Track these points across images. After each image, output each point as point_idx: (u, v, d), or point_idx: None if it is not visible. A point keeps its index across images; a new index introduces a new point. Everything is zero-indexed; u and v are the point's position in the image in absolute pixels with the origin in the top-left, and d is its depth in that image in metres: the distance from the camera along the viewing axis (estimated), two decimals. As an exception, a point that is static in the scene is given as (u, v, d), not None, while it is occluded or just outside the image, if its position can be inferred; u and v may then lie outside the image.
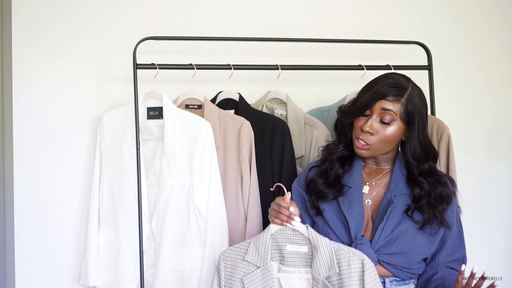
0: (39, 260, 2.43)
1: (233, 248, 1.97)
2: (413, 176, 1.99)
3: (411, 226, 1.94)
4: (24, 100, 2.42)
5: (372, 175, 2.05)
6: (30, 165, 2.42)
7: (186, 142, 2.25)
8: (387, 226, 1.93)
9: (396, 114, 1.93)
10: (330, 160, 2.06)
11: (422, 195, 1.95)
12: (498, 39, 3.02)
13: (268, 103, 2.55)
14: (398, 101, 1.93)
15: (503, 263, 3.05)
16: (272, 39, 2.50)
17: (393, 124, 1.94)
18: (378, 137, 1.95)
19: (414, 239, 1.94)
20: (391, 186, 1.99)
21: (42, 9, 2.42)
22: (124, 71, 2.47)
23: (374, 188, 2.03)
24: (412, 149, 1.97)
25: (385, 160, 2.04)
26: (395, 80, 1.96)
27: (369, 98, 1.95)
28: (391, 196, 1.97)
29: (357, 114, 1.98)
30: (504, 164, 3.05)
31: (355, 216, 1.97)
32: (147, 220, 2.27)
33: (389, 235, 1.93)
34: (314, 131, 2.45)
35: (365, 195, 2.03)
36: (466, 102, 2.98)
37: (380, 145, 1.96)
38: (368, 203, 2.02)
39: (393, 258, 1.94)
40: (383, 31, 2.79)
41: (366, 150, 1.97)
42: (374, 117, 1.94)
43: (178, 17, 2.58)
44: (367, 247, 1.92)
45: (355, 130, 1.99)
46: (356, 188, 2.01)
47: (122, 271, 2.30)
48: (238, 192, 2.33)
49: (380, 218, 1.95)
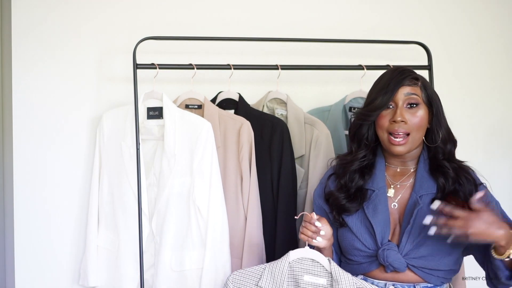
0: (39, 260, 2.43)
1: (244, 272, 1.92)
2: (437, 163, 1.91)
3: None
4: (24, 100, 2.42)
5: (396, 177, 1.97)
6: (29, 165, 2.42)
7: (187, 142, 2.25)
8: (415, 229, 1.85)
9: (419, 97, 1.90)
10: (350, 171, 1.97)
11: (446, 184, 1.88)
12: (498, 39, 3.02)
13: (269, 103, 2.55)
14: (416, 84, 1.91)
15: (503, 263, 3.04)
16: (272, 39, 2.50)
17: (420, 108, 1.90)
18: (412, 124, 1.88)
19: (443, 241, 1.82)
20: (416, 187, 1.92)
21: (42, 9, 2.42)
22: (124, 71, 2.47)
23: (400, 191, 1.95)
24: (439, 131, 1.91)
25: (412, 158, 1.96)
26: (402, 68, 1.95)
27: (388, 89, 1.89)
28: (416, 197, 1.89)
29: (382, 107, 1.89)
30: (504, 164, 3.05)
31: (380, 220, 1.89)
32: (147, 220, 2.27)
33: (417, 238, 1.85)
34: (314, 130, 2.45)
35: (391, 198, 1.94)
36: (466, 102, 2.97)
37: (414, 133, 1.89)
38: (394, 207, 1.93)
39: (422, 261, 1.86)
40: (383, 31, 2.78)
41: (404, 146, 1.89)
42: (400, 104, 1.89)
43: (178, 17, 2.58)
44: (394, 252, 1.85)
45: (383, 128, 1.91)
46: (380, 191, 1.93)
47: (122, 272, 2.30)
48: (238, 192, 2.33)
49: (407, 221, 1.87)
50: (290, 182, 2.36)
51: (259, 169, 2.35)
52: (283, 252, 2.28)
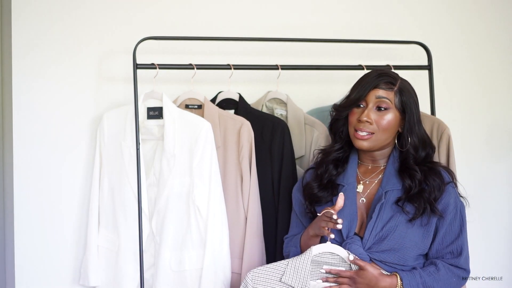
0: (39, 260, 2.43)
1: (264, 268, 1.95)
2: (406, 165, 1.98)
3: (402, 221, 1.92)
4: (24, 100, 2.42)
5: (367, 174, 2.05)
6: (30, 165, 2.42)
7: (186, 142, 2.25)
8: (377, 223, 1.93)
9: (391, 101, 1.96)
10: (325, 162, 2.07)
11: (412, 185, 1.94)
12: (498, 39, 3.01)
13: (268, 103, 2.55)
14: (391, 89, 1.97)
15: (503, 263, 3.05)
16: (272, 39, 2.50)
17: (390, 112, 1.97)
18: (377, 125, 1.96)
19: (405, 234, 1.91)
20: (383, 183, 1.99)
21: (42, 9, 2.42)
22: (124, 71, 2.47)
23: (368, 187, 2.03)
24: (410, 137, 1.98)
25: (382, 157, 2.04)
26: (383, 71, 2.03)
27: (362, 89, 1.98)
28: (382, 192, 1.97)
29: (352, 105, 2.00)
30: (504, 164, 3.05)
31: (347, 214, 1.96)
32: (147, 220, 2.27)
33: (380, 232, 1.92)
34: (314, 131, 2.45)
35: (360, 194, 2.02)
36: (466, 102, 2.97)
37: (379, 134, 1.97)
38: (362, 202, 2.01)
39: (384, 255, 1.92)
40: (383, 31, 2.78)
41: (367, 141, 1.97)
42: (370, 106, 1.97)
43: (178, 17, 2.58)
44: (357, 246, 1.92)
45: (351, 124, 2.01)
46: (349, 187, 2.01)
47: (122, 271, 2.30)
48: (238, 192, 2.33)
49: (370, 216, 1.95)
50: (290, 182, 2.36)
51: (259, 169, 2.35)
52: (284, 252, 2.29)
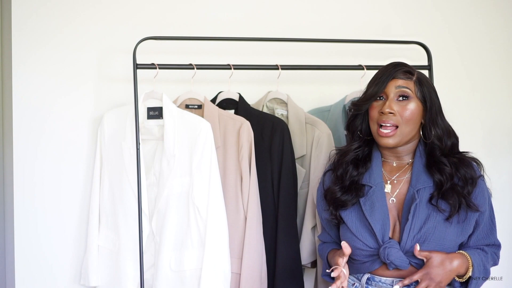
0: (39, 260, 2.44)
1: None
2: (434, 159, 1.90)
3: (440, 221, 1.84)
4: (24, 100, 2.42)
5: (393, 172, 1.96)
6: (30, 165, 2.42)
7: (186, 142, 2.25)
8: (414, 225, 1.84)
9: (412, 91, 1.90)
10: (344, 162, 1.97)
11: (443, 180, 1.86)
12: (498, 39, 3.02)
13: (268, 103, 2.55)
14: (410, 79, 1.91)
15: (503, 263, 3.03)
16: (272, 39, 2.50)
17: (411, 101, 1.90)
18: (400, 116, 1.88)
19: (444, 234, 1.84)
20: (413, 181, 1.90)
21: (42, 9, 2.42)
22: (124, 71, 2.47)
23: (397, 186, 1.94)
24: (433, 129, 1.91)
25: (407, 152, 1.96)
26: (399, 62, 1.97)
27: (380, 82, 1.91)
28: (413, 192, 1.88)
29: (372, 98, 1.91)
30: (504, 163, 3.05)
31: (379, 218, 1.87)
32: (147, 220, 2.27)
33: (418, 234, 1.84)
34: (316, 131, 2.44)
35: (388, 194, 1.93)
36: (466, 102, 2.98)
37: (403, 126, 1.89)
38: (392, 202, 1.92)
39: None
40: (383, 31, 2.79)
41: (392, 138, 1.89)
42: (391, 96, 1.90)
43: (178, 17, 2.58)
44: (396, 249, 1.83)
45: (373, 119, 1.92)
46: (377, 188, 1.92)
47: (122, 271, 2.30)
48: (237, 192, 2.33)
49: (406, 217, 1.85)
50: (290, 182, 2.36)
51: (259, 169, 2.35)
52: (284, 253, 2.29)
